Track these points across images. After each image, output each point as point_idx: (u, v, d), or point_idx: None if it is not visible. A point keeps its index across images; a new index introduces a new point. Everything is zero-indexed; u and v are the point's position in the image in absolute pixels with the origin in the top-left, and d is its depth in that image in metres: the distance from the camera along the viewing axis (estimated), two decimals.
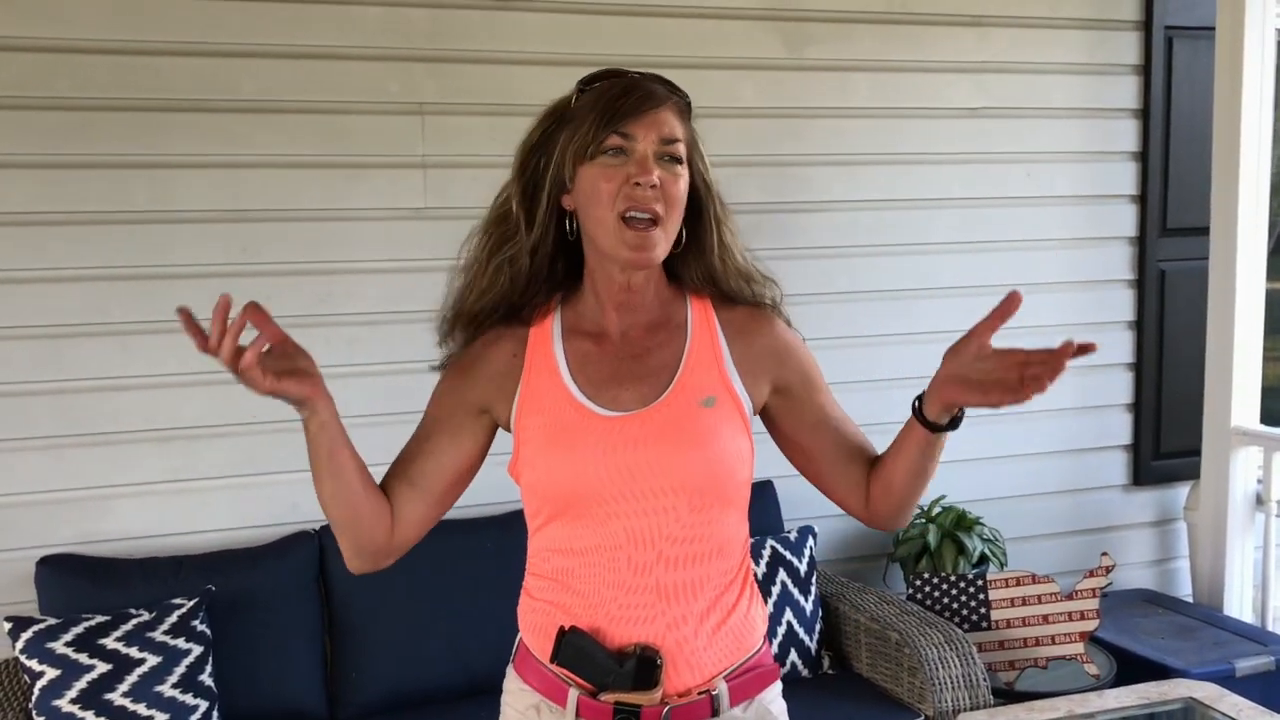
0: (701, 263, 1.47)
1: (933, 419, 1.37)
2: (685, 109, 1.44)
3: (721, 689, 1.41)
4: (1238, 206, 3.35)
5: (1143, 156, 3.70)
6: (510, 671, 1.51)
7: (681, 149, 1.39)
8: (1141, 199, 3.72)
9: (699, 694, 1.40)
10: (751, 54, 3.28)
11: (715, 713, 1.41)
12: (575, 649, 1.39)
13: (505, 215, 1.45)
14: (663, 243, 1.39)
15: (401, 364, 2.92)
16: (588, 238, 1.43)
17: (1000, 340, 1.33)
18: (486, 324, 1.48)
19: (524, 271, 1.45)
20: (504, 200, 1.46)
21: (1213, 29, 3.42)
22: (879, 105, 3.42)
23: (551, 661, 1.41)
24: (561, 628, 1.40)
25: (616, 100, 1.37)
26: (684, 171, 1.40)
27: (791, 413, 1.51)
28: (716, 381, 1.44)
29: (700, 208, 1.45)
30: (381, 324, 2.99)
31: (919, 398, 1.39)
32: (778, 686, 1.51)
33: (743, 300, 1.50)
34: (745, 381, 1.46)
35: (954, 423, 1.38)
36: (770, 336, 1.49)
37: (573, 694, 1.40)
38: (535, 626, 1.45)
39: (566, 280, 1.50)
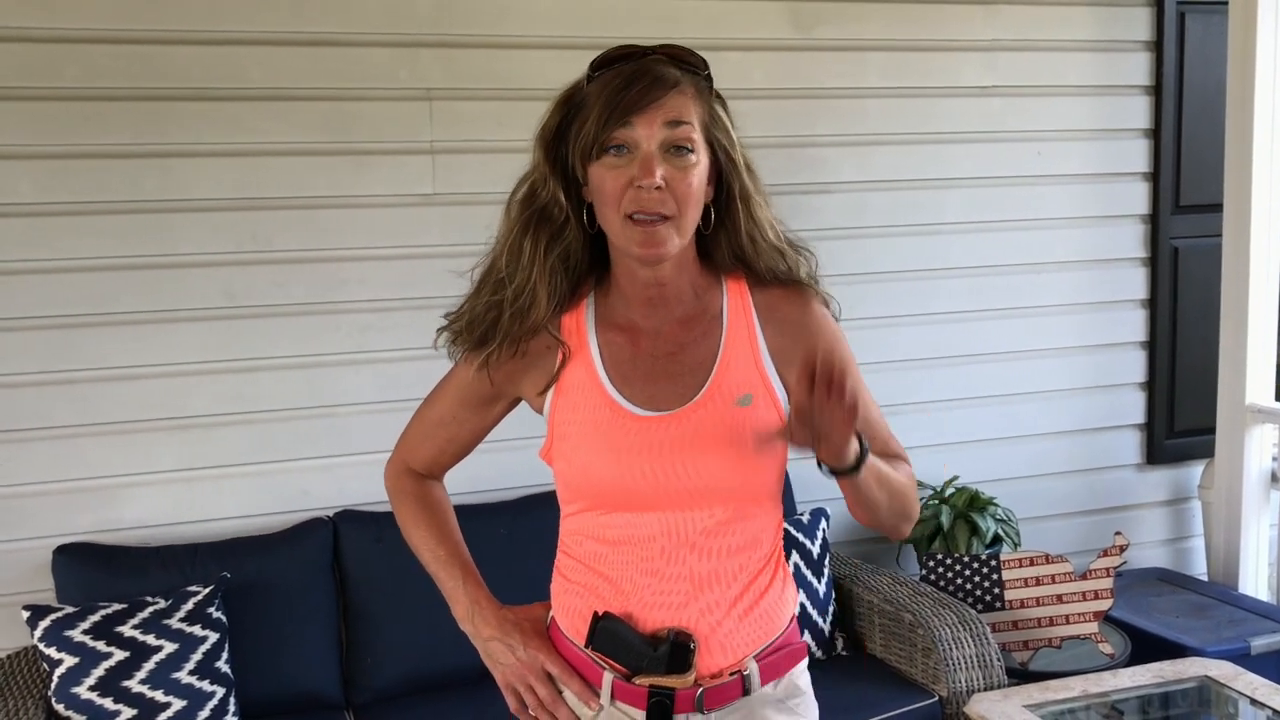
0: (732, 242, 1.41)
1: (832, 466, 1.30)
2: (702, 85, 1.38)
3: (752, 668, 1.42)
4: (1251, 183, 3.33)
5: (1155, 133, 3.67)
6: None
7: (692, 133, 1.33)
8: (1154, 176, 3.69)
9: (731, 674, 1.41)
10: (762, 34, 3.26)
11: (746, 692, 1.42)
12: (610, 635, 1.40)
13: (548, 211, 1.38)
14: (674, 237, 1.33)
15: (413, 350, 2.92)
16: (608, 235, 1.40)
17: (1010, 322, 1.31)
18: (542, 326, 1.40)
19: (579, 266, 1.41)
20: (532, 192, 1.39)
21: (1225, 4, 3.39)
22: (889, 85, 3.41)
23: (586, 646, 1.42)
24: (596, 613, 1.41)
25: (618, 93, 1.31)
26: (697, 159, 1.34)
27: None
28: (753, 376, 1.40)
29: (725, 185, 1.40)
30: (392, 311, 2.99)
31: None
32: (805, 663, 1.52)
33: (777, 277, 1.43)
34: (781, 370, 1.41)
35: (857, 464, 1.30)
36: (800, 319, 1.43)
37: (607, 676, 1.41)
38: (569, 608, 1.45)
39: (594, 269, 1.46)
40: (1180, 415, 3.78)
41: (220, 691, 2.55)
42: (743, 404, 1.38)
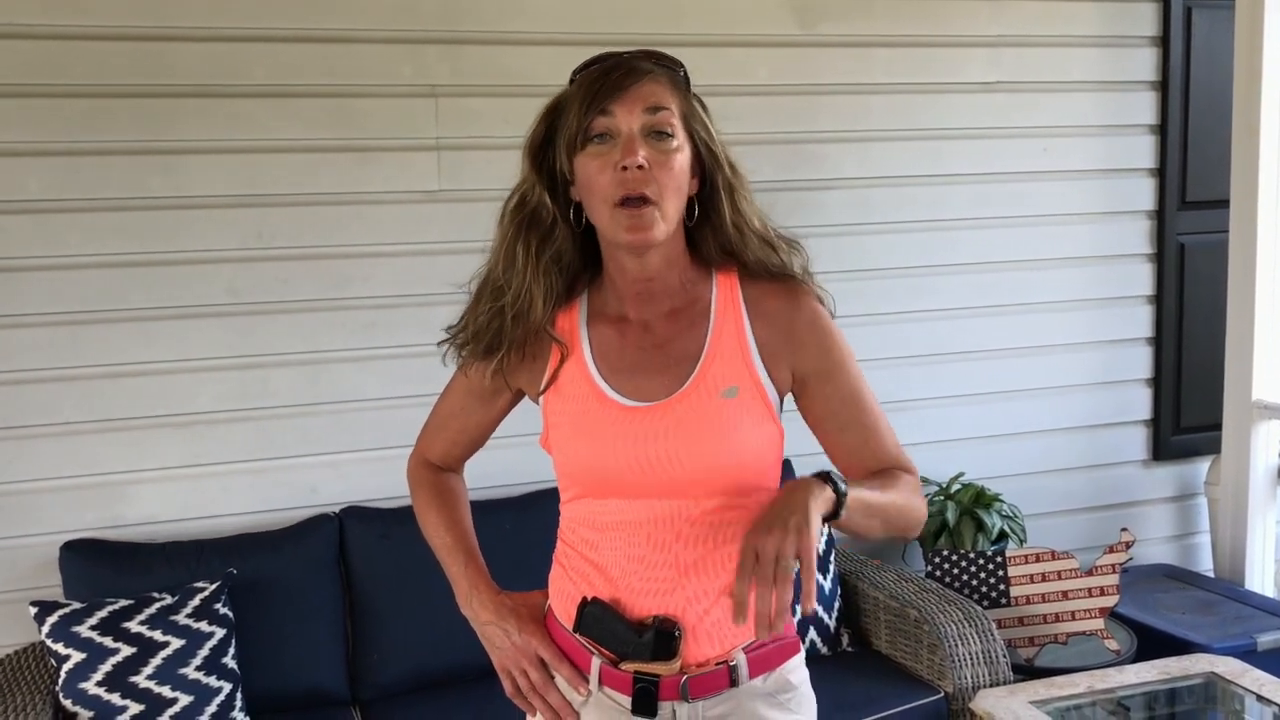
0: (718, 235, 1.44)
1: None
2: (679, 80, 1.42)
3: (740, 660, 1.43)
4: (1258, 178, 3.32)
5: (1161, 129, 3.66)
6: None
7: (670, 119, 1.37)
8: (1160, 172, 3.68)
9: (717, 664, 1.42)
10: (765, 30, 3.26)
11: (734, 683, 1.42)
12: (595, 620, 1.42)
13: (537, 215, 1.42)
14: (660, 221, 1.36)
15: (417, 347, 2.92)
16: (596, 227, 1.43)
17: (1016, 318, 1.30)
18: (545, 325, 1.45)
19: (571, 266, 1.45)
20: (522, 200, 1.43)
21: None
22: (893, 81, 3.40)
23: (574, 632, 1.45)
24: (584, 599, 1.44)
25: (595, 83, 1.36)
26: (678, 144, 1.37)
27: (804, 400, 1.48)
28: (740, 369, 1.41)
29: (708, 177, 1.42)
30: (397, 307, 2.99)
31: None
32: (799, 658, 1.52)
33: (769, 271, 1.45)
34: (769, 366, 1.43)
35: (836, 510, 1.32)
36: (792, 319, 1.44)
37: (595, 662, 1.44)
38: (562, 594, 1.49)
39: (587, 267, 1.49)
40: (1186, 411, 3.78)
41: (227, 687, 2.56)
42: (728, 396, 1.40)
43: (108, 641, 2.49)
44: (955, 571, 3.09)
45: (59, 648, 2.48)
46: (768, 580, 1.23)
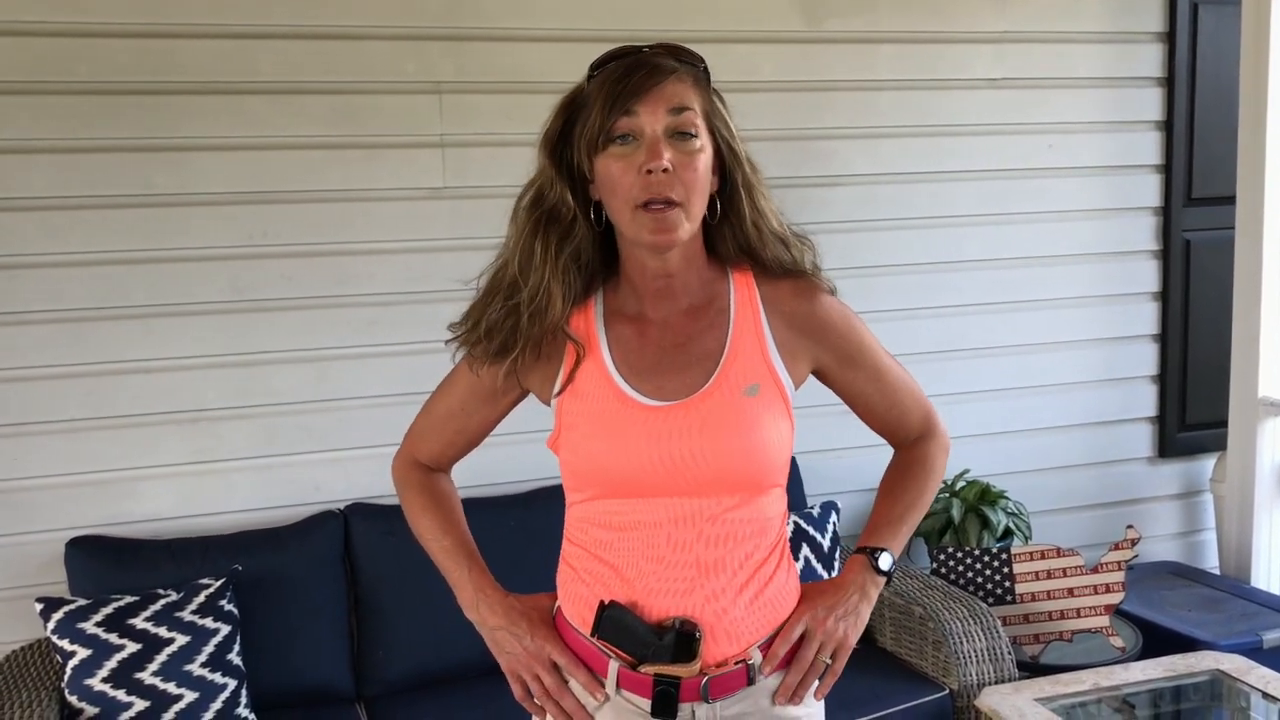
0: (737, 233, 1.44)
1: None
2: (700, 77, 1.40)
3: (757, 658, 1.43)
4: (1264, 175, 3.31)
5: (1167, 125, 3.65)
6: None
7: (694, 119, 1.36)
8: (1166, 168, 3.67)
9: (735, 664, 1.41)
10: (771, 27, 3.25)
11: (751, 681, 1.42)
12: (615, 623, 1.40)
13: (556, 211, 1.40)
14: (684, 223, 1.36)
15: (421, 344, 2.92)
16: (615, 227, 1.42)
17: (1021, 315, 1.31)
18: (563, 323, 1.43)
19: (590, 264, 1.44)
20: (539, 195, 1.41)
21: None
22: (900, 77, 3.39)
23: (592, 635, 1.42)
24: (602, 602, 1.41)
25: (619, 83, 1.34)
26: (701, 144, 1.36)
27: (831, 384, 1.54)
28: (760, 367, 1.42)
29: (728, 175, 1.42)
30: (401, 304, 2.99)
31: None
32: None
33: (782, 267, 1.46)
34: (786, 362, 1.45)
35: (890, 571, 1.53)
36: (810, 314, 1.47)
37: (613, 665, 1.42)
38: (575, 596, 1.46)
39: (603, 266, 1.48)
40: (1192, 408, 3.77)
41: (232, 683, 2.56)
42: (750, 394, 1.40)
43: (113, 638, 2.49)
44: (960, 569, 3.09)
45: (64, 644, 2.49)
46: (805, 662, 1.44)
